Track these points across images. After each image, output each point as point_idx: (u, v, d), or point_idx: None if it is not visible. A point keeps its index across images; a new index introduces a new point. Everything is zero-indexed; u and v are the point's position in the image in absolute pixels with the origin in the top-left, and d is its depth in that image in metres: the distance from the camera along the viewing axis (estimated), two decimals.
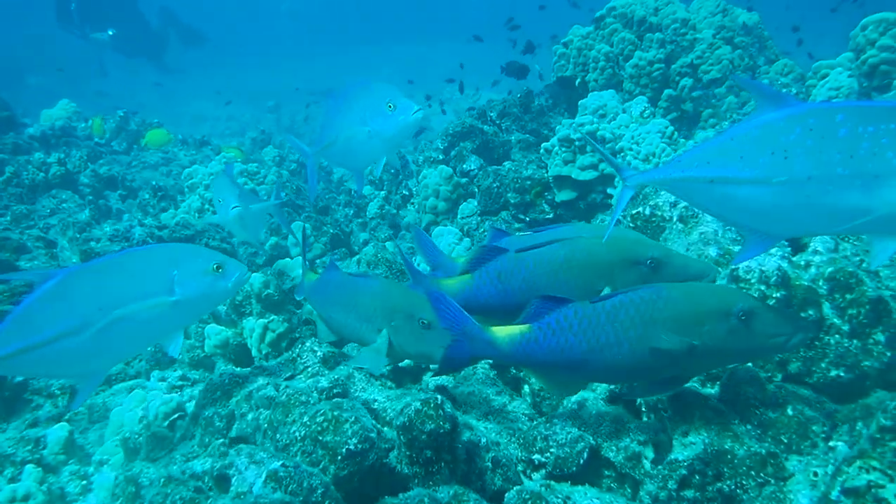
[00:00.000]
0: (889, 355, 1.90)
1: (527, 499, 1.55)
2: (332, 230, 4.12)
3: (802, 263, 2.06)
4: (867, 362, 1.90)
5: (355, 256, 3.36)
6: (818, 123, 1.48)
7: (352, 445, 1.60)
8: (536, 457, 1.82)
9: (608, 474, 1.83)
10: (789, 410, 1.77)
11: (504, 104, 4.51)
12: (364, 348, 2.15)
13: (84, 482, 2.56)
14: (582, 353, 1.66)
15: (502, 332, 1.71)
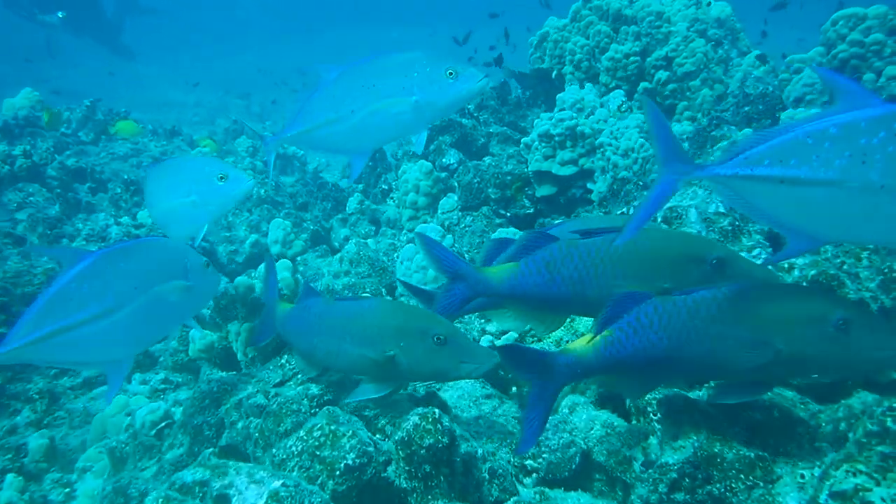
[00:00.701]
0: None
1: None
2: (312, 227, 4.09)
3: (786, 266, 2.10)
4: None
5: (337, 254, 3.33)
6: None
7: (350, 460, 1.60)
8: (529, 462, 1.85)
9: (599, 478, 1.86)
10: (775, 412, 1.81)
11: (481, 97, 4.50)
12: (363, 382, 1.97)
13: (67, 490, 2.54)
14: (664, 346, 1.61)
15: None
